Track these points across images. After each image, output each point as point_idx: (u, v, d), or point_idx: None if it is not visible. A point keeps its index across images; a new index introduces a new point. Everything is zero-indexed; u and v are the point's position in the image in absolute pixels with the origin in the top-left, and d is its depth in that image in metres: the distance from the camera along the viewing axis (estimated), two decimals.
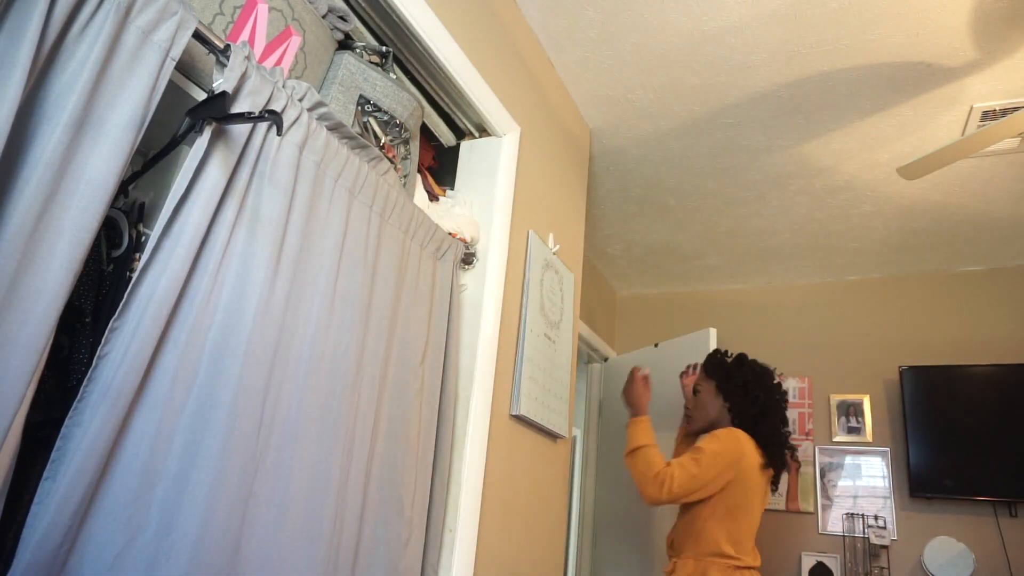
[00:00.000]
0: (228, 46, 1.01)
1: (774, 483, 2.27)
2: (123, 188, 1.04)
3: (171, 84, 0.97)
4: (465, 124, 2.02)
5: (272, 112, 1.03)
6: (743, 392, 2.25)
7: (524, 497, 1.98)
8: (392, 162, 1.53)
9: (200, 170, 0.96)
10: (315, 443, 1.16)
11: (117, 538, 0.85)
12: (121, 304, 0.87)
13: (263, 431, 1.07)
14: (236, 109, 1.01)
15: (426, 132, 2.00)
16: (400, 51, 1.71)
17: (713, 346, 3.37)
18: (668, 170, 3.07)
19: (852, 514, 3.60)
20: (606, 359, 4.18)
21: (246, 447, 1.04)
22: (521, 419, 1.96)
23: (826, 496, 3.72)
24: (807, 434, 3.88)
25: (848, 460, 3.75)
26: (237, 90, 1.02)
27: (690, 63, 2.35)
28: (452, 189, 2.03)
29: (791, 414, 3.97)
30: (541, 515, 2.09)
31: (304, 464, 1.14)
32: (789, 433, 2.30)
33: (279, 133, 1.06)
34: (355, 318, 1.28)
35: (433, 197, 1.88)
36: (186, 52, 0.96)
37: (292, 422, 1.12)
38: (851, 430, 3.79)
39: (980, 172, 2.85)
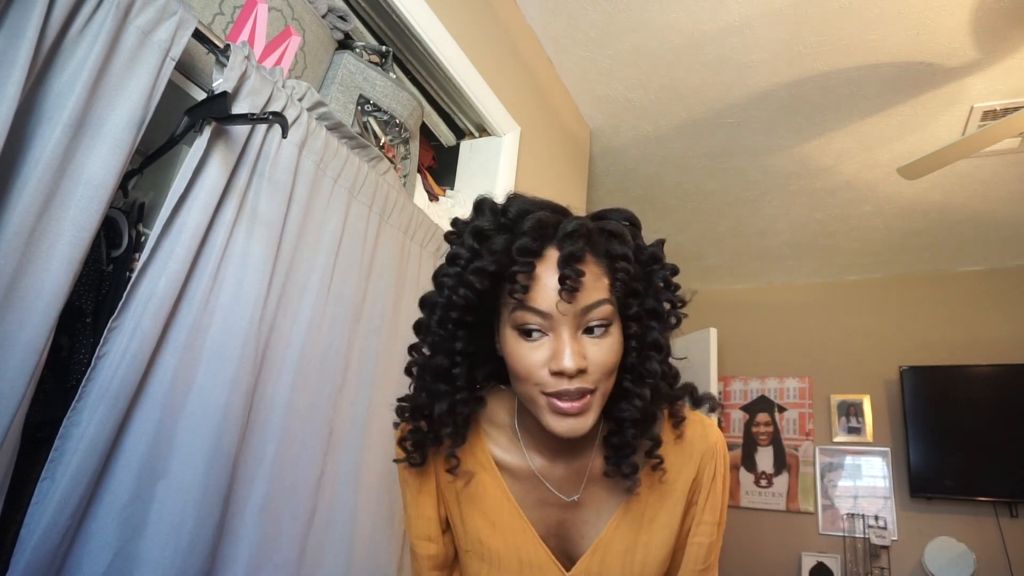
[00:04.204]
0: (228, 46, 1.01)
1: None
2: (123, 188, 1.04)
3: (171, 84, 0.97)
4: (465, 124, 2.02)
5: (276, 114, 1.03)
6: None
7: None
8: (392, 162, 1.53)
9: (200, 170, 0.96)
10: (300, 444, 1.16)
11: (116, 538, 0.85)
12: (121, 304, 0.87)
13: (259, 432, 1.07)
14: (236, 109, 1.01)
15: (426, 132, 2.00)
16: (400, 51, 1.71)
17: (714, 346, 3.37)
18: (668, 170, 3.07)
19: (852, 514, 3.60)
20: None
21: (243, 448, 1.04)
22: None
23: (826, 496, 3.72)
24: (807, 434, 3.88)
25: (848, 460, 3.75)
26: (237, 90, 1.02)
27: (690, 63, 2.34)
28: (452, 189, 2.03)
29: (791, 414, 3.97)
30: None
31: (294, 465, 1.14)
32: None
33: (284, 135, 1.06)
34: (350, 317, 1.28)
35: (433, 197, 1.88)
36: (186, 52, 0.96)
37: (284, 423, 1.12)
38: (851, 430, 3.79)
39: (980, 172, 2.85)
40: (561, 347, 0.70)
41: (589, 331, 0.73)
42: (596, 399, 0.74)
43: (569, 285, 0.69)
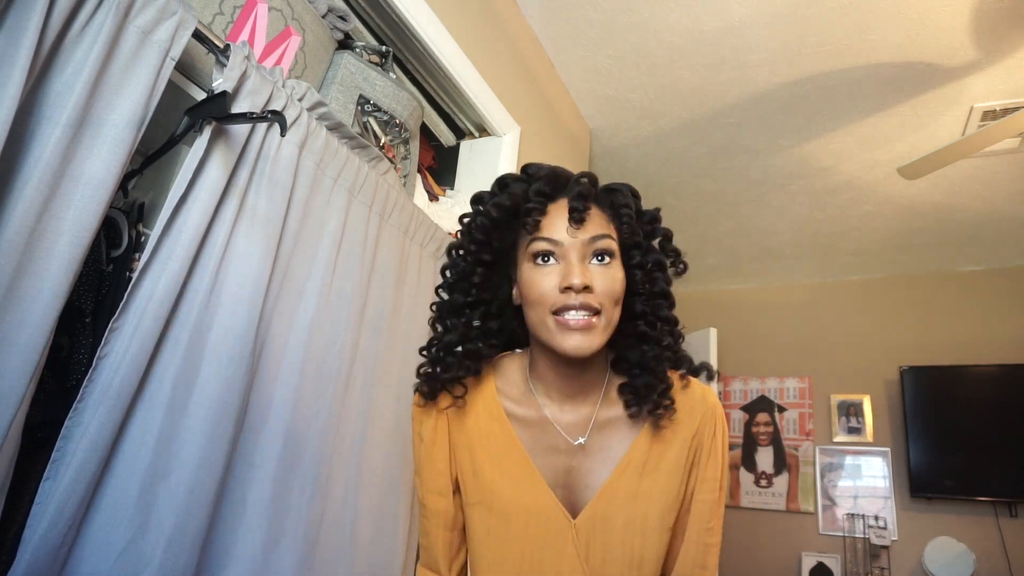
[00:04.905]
0: (228, 46, 1.01)
1: None
2: (123, 188, 1.04)
3: (171, 84, 0.97)
4: (465, 124, 2.02)
5: (275, 112, 1.03)
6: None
7: None
8: (392, 162, 1.53)
9: (200, 170, 0.96)
10: (302, 444, 1.16)
11: (118, 538, 0.85)
12: (121, 304, 0.87)
13: (261, 431, 1.07)
14: (236, 109, 1.01)
15: (426, 132, 2.00)
16: (400, 51, 1.71)
17: (714, 346, 3.37)
18: (668, 170, 3.07)
19: (852, 514, 3.60)
20: None
21: (245, 447, 1.04)
22: None
23: (826, 496, 3.72)
24: (807, 434, 3.88)
25: (848, 460, 3.75)
26: (237, 90, 1.02)
27: (690, 63, 2.34)
28: (452, 189, 2.03)
29: (791, 414, 3.97)
30: None
31: (297, 465, 1.14)
32: None
33: (282, 134, 1.06)
34: (350, 318, 1.28)
35: (433, 197, 1.88)
36: (186, 52, 0.96)
37: (286, 422, 1.12)
38: (851, 430, 3.79)
39: (980, 172, 2.85)
40: (570, 268, 0.81)
41: (596, 262, 0.83)
42: (600, 324, 0.81)
43: (576, 216, 0.82)
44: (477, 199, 0.90)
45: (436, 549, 0.91)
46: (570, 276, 0.80)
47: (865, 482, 3.67)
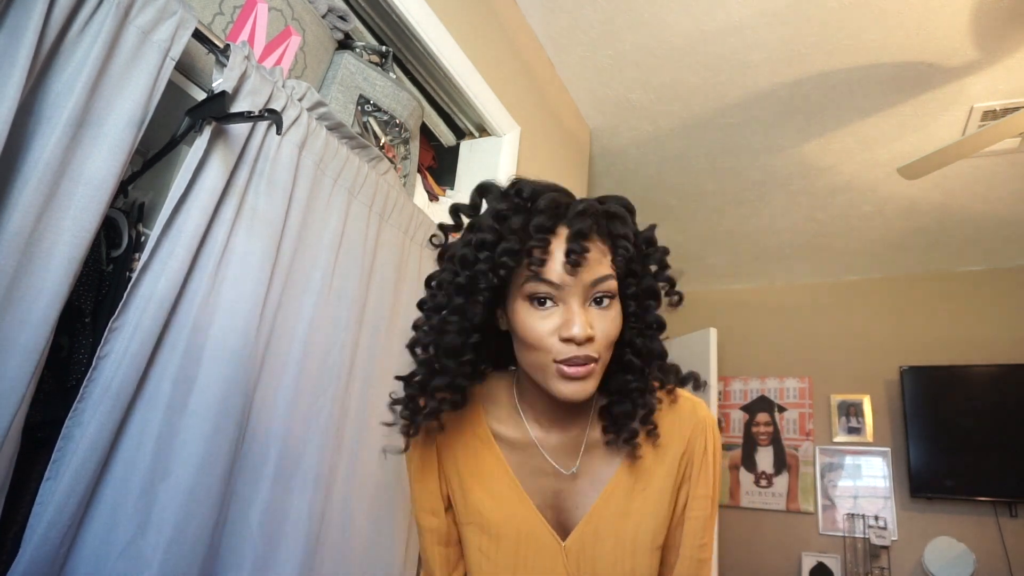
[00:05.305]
0: (228, 46, 1.01)
1: None
2: (123, 188, 1.04)
3: (171, 84, 0.97)
4: (465, 124, 2.02)
5: (272, 111, 1.03)
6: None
7: None
8: (392, 162, 1.53)
9: (200, 170, 0.96)
10: (302, 443, 1.16)
11: (118, 538, 0.85)
12: (121, 304, 0.87)
13: (261, 431, 1.07)
14: (236, 109, 1.01)
15: (426, 132, 2.00)
16: (400, 51, 1.71)
17: (714, 346, 3.37)
18: (668, 170, 3.07)
19: (852, 514, 3.60)
20: None
21: (245, 447, 1.04)
22: None
23: (826, 496, 3.72)
24: (807, 434, 3.88)
25: (848, 460, 3.75)
26: (237, 90, 1.02)
27: (690, 63, 2.34)
28: (452, 189, 2.03)
29: (791, 414, 3.97)
30: None
31: (297, 465, 1.14)
32: None
33: (279, 132, 1.06)
34: (350, 317, 1.28)
35: (433, 197, 1.88)
36: (186, 52, 0.96)
37: (287, 422, 1.12)
38: (851, 430, 3.79)
39: (980, 172, 2.85)
40: (571, 316, 0.75)
41: (595, 304, 0.77)
42: (598, 368, 0.78)
43: (573, 259, 0.74)
44: (480, 243, 0.77)
45: (433, 565, 0.92)
46: (571, 326, 0.74)
47: (865, 482, 3.67)
